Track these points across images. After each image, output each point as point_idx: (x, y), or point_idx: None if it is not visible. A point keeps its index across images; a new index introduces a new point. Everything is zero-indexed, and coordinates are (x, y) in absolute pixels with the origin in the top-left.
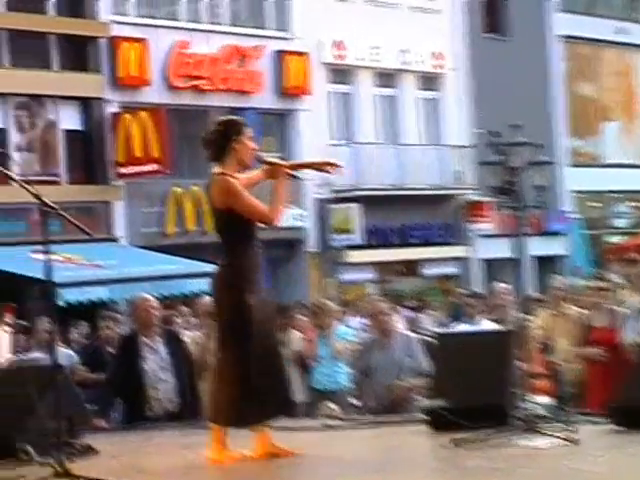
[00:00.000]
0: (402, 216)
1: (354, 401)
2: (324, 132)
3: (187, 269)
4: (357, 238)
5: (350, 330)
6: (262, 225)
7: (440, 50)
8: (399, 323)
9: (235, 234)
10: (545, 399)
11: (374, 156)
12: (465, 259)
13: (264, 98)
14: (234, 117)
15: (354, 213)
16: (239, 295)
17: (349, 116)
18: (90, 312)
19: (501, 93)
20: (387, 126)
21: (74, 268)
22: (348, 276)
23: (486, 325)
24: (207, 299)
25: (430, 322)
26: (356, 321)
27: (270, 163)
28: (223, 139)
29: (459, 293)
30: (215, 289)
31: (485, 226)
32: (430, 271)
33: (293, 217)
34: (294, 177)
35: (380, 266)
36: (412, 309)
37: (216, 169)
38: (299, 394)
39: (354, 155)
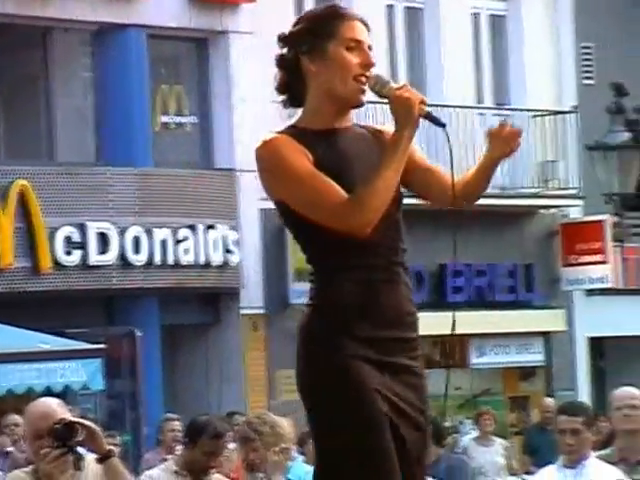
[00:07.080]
0: (439, 249)
1: None
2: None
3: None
4: None
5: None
6: (347, 233)
7: None
8: None
9: (316, 245)
10: None
11: None
12: (558, 336)
13: (161, 7)
14: (323, 6)
15: None
16: (331, 354)
17: None
18: None
19: None
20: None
21: None
22: None
23: (600, 472)
24: None
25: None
26: None
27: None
28: (293, 56)
29: (545, 406)
30: (297, 355)
31: (597, 271)
32: (489, 359)
33: (217, 246)
34: (437, 124)
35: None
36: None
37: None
38: None
39: None
